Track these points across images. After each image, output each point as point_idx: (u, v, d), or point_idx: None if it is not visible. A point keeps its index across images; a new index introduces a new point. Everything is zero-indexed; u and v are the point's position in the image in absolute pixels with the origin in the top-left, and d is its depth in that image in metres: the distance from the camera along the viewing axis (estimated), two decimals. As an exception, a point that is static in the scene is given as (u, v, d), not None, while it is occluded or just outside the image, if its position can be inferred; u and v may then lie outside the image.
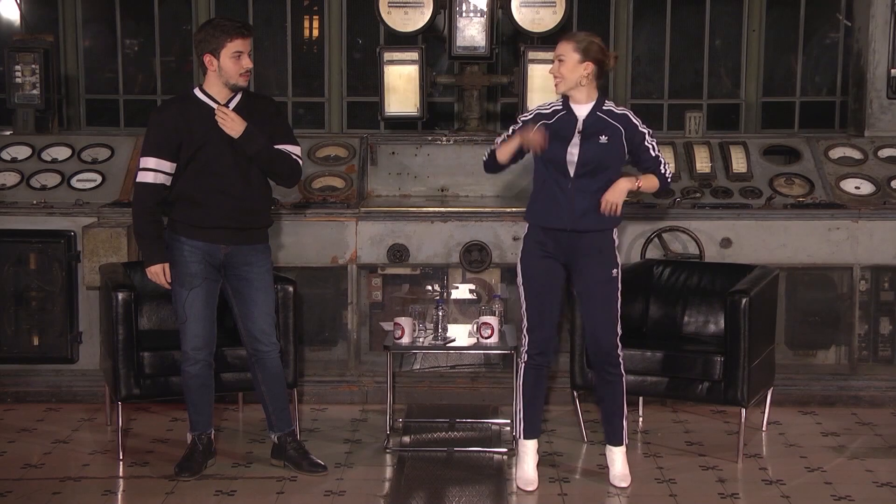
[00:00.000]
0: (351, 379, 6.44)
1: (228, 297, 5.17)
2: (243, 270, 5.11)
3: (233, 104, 5.02)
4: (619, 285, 5.04)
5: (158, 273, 5.02)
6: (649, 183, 4.99)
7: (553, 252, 5.02)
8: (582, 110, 4.96)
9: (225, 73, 4.95)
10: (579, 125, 4.94)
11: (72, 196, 6.54)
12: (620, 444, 5.12)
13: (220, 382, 5.41)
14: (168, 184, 4.99)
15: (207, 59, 4.96)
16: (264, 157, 5.01)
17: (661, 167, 4.99)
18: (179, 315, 5.08)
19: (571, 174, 4.94)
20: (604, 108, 4.97)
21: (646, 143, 4.97)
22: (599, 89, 5.02)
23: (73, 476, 5.21)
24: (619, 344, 5.05)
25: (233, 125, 4.94)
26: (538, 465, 5.22)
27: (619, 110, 5.00)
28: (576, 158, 4.92)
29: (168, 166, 4.96)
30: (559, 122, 4.97)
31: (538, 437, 5.18)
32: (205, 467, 5.20)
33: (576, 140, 4.92)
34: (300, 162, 5.16)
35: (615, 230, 5.04)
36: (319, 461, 5.26)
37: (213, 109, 4.97)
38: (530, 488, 5.05)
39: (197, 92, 5.04)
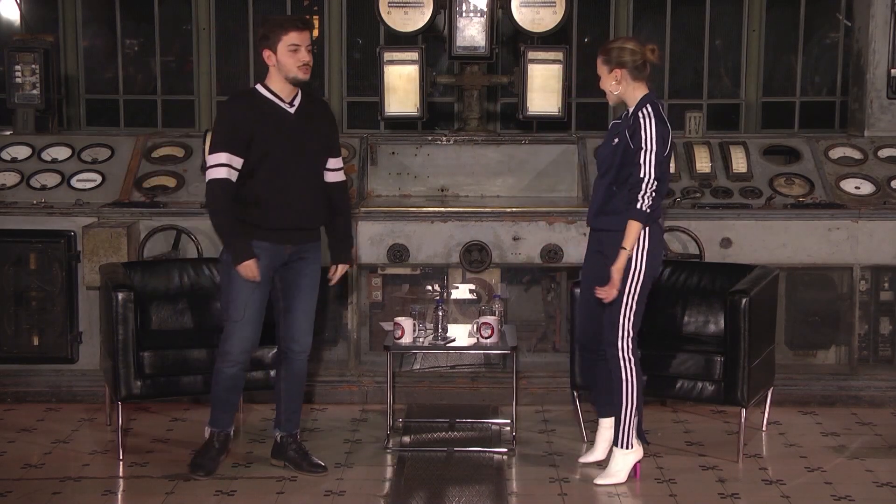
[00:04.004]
0: (351, 379, 6.44)
1: (274, 292, 5.15)
2: (297, 264, 5.12)
3: (297, 102, 5.04)
4: (634, 287, 5.00)
5: (251, 267, 4.94)
6: (631, 238, 4.92)
7: (597, 246, 5.14)
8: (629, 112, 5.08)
9: (283, 67, 4.96)
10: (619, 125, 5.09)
11: (72, 196, 6.54)
12: (615, 445, 5.12)
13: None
14: (234, 180, 4.95)
15: (266, 54, 4.98)
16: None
17: (639, 199, 4.89)
18: (234, 313, 5.03)
19: (599, 174, 5.13)
20: (636, 110, 4.99)
21: (639, 158, 4.89)
22: (645, 92, 5.01)
23: (73, 476, 5.22)
24: (622, 346, 5.03)
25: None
26: (538, 465, 5.29)
27: (643, 115, 4.94)
28: (600, 155, 5.15)
29: (238, 162, 4.93)
30: (615, 124, 5.15)
31: (605, 416, 5.31)
32: (218, 466, 5.20)
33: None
34: (346, 181, 5.33)
35: (645, 228, 4.99)
36: (320, 462, 5.26)
37: (281, 107, 4.99)
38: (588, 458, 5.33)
39: (260, 88, 5.04)
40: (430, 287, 6.33)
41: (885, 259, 6.41)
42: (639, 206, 4.89)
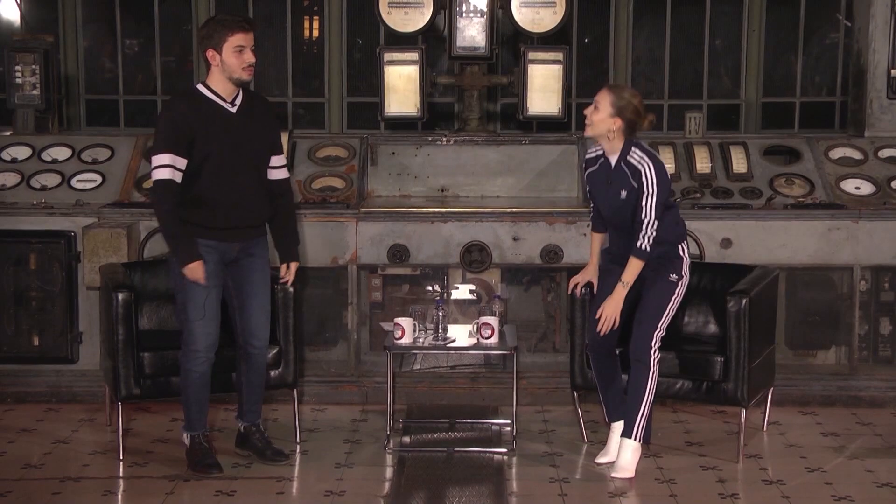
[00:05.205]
0: (351, 379, 6.44)
1: (227, 290, 5.18)
2: (246, 261, 5.16)
3: (238, 101, 5.06)
4: (676, 291, 5.19)
5: (197, 269, 4.99)
6: (632, 273, 5.14)
7: (616, 255, 5.29)
8: (613, 160, 5.19)
9: (228, 67, 4.98)
10: (609, 175, 5.18)
11: (72, 196, 6.54)
12: (627, 437, 5.16)
13: (225, 381, 5.42)
14: (179, 181, 4.98)
15: (210, 54, 4.99)
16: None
17: (639, 239, 5.08)
18: (193, 313, 5.06)
19: (608, 216, 5.26)
20: (627, 157, 5.13)
21: (642, 201, 5.07)
22: (627, 139, 5.16)
23: (73, 476, 5.22)
24: (656, 341, 5.15)
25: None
26: (538, 465, 5.30)
27: (636, 160, 5.11)
28: (608, 210, 5.22)
29: (182, 163, 4.95)
30: (601, 168, 5.25)
31: (616, 420, 5.34)
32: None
33: (608, 192, 5.21)
34: (288, 178, 5.37)
35: (680, 246, 5.21)
36: (282, 449, 5.36)
37: (223, 107, 5.01)
38: (602, 459, 5.34)
39: (201, 88, 5.06)
40: (430, 287, 6.34)
41: (885, 259, 6.41)
42: (639, 244, 5.08)
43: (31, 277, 6.36)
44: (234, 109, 5.06)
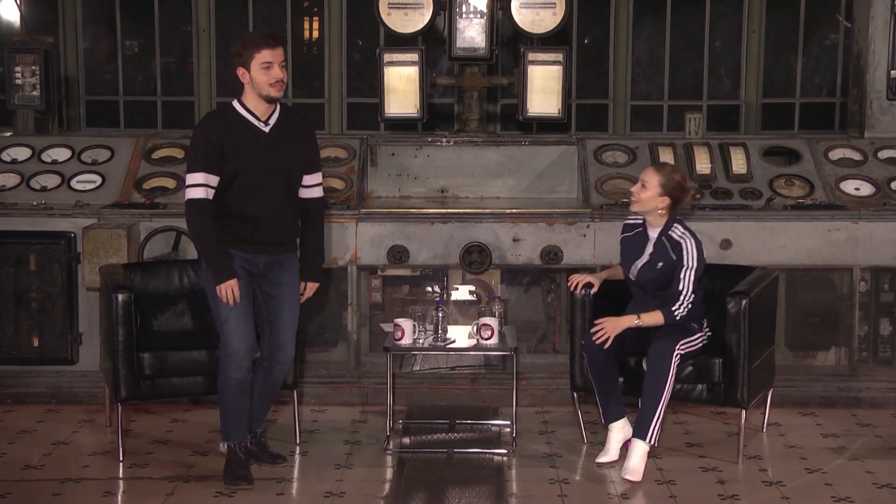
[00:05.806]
0: (351, 380, 6.44)
1: (256, 302, 5.17)
2: (276, 273, 5.15)
3: (273, 119, 5.05)
4: (697, 336, 5.34)
5: (232, 287, 4.98)
6: (652, 320, 5.27)
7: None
8: (653, 233, 5.34)
9: (257, 84, 4.96)
10: (649, 247, 5.33)
11: (72, 197, 6.54)
12: (641, 439, 5.17)
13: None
14: (212, 198, 4.97)
15: (241, 72, 4.98)
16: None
17: (676, 305, 5.24)
18: (224, 312, 5.02)
19: (636, 281, 5.37)
20: (669, 232, 5.30)
21: (681, 274, 5.24)
22: (671, 216, 5.33)
23: (73, 477, 5.22)
24: (676, 350, 5.19)
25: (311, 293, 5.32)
26: (538, 466, 5.30)
27: (678, 236, 5.29)
28: (636, 276, 5.38)
29: (215, 181, 4.95)
30: (635, 237, 5.40)
31: (613, 421, 5.42)
32: (250, 471, 5.16)
33: (641, 260, 5.34)
34: (323, 197, 5.33)
35: (699, 322, 5.40)
36: (279, 453, 5.35)
37: (255, 126, 5.00)
38: (603, 460, 5.38)
39: (236, 105, 5.05)
40: (429, 288, 6.33)
41: (885, 260, 6.41)
42: (674, 311, 5.24)
43: (31, 278, 6.36)
44: (266, 129, 5.03)
